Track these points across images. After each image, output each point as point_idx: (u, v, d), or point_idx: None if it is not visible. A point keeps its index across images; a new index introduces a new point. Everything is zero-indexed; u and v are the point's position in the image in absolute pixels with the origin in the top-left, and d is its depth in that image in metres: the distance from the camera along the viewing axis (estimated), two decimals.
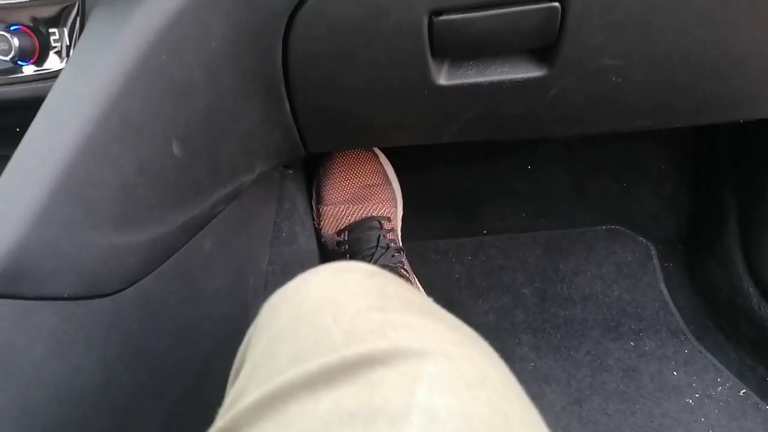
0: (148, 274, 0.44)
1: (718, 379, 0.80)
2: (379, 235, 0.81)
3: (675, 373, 0.82)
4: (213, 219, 0.54)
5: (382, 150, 0.89)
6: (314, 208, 0.88)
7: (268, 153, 0.59)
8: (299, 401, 0.25)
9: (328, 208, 0.85)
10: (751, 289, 0.78)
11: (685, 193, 0.92)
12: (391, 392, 0.24)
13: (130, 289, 0.41)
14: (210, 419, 0.30)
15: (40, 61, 0.45)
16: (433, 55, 0.50)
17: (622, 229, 0.96)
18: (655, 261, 0.92)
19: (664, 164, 0.93)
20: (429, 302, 0.33)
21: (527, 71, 0.51)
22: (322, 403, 0.24)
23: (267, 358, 0.28)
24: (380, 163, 0.88)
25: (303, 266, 0.33)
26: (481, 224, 0.99)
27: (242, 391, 0.28)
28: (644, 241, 0.94)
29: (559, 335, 0.87)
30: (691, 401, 0.79)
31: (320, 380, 0.25)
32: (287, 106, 0.55)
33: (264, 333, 0.30)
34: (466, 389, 0.25)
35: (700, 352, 0.83)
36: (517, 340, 0.88)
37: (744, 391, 0.79)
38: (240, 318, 0.63)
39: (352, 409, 0.24)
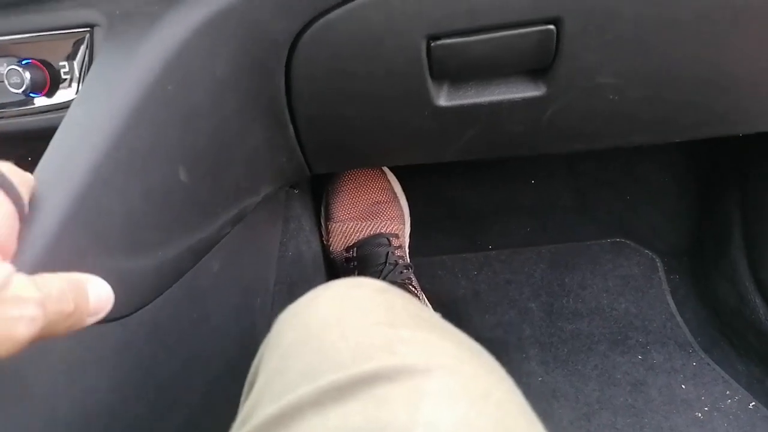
0: (157, 297, 0.45)
1: (727, 392, 0.80)
2: (388, 252, 0.82)
3: (683, 386, 0.81)
4: (220, 241, 0.55)
5: (390, 167, 0.91)
6: (323, 225, 0.89)
7: (273, 175, 0.60)
8: (308, 419, 0.26)
9: (337, 225, 0.86)
10: (758, 301, 0.78)
11: (689, 205, 0.92)
12: (397, 408, 0.25)
13: (139, 312, 0.42)
14: None
15: (51, 93, 0.46)
16: (433, 77, 0.51)
17: (628, 242, 0.96)
18: (661, 273, 0.93)
19: (668, 177, 0.93)
20: (436, 318, 0.34)
21: (525, 91, 0.52)
22: (331, 419, 0.25)
23: (278, 374, 0.29)
24: (388, 181, 0.89)
25: (310, 285, 0.34)
26: (486, 240, 0.99)
27: (255, 406, 0.29)
28: (650, 253, 0.95)
29: (566, 349, 0.87)
30: (700, 414, 0.78)
31: (328, 397, 0.26)
32: (291, 130, 0.56)
33: (276, 348, 0.31)
34: (471, 405, 0.25)
35: (708, 364, 0.83)
36: (524, 355, 0.88)
37: (753, 403, 0.78)
38: (248, 338, 0.64)
39: (359, 425, 0.24)
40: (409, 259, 0.88)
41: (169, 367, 0.46)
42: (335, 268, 0.88)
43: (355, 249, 0.83)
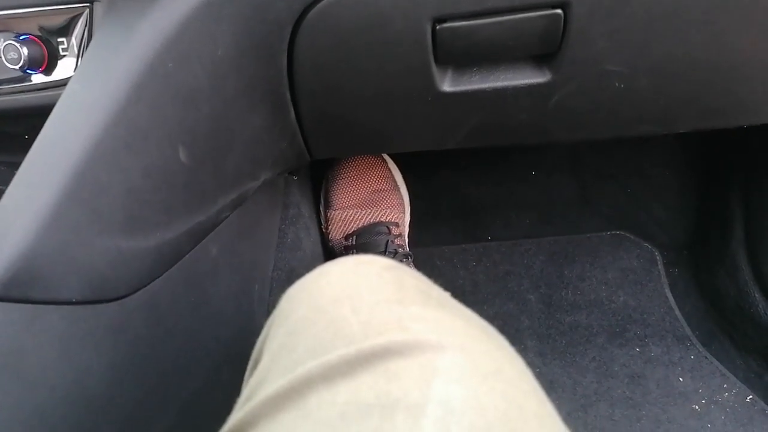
0: (155, 279, 0.44)
1: (725, 385, 0.80)
2: (387, 241, 0.81)
3: (681, 379, 0.81)
4: (219, 225, 0.54)
5: (391, 156, 0.90)
6: (322, 213, 0.88)
7: (274, 160, 0.59)
8: (318, 392, 0.25)
9: (337, 213, 0.85)
10: (757, 295, 0.78)
11: (690, 199, 0.92)
12: (409, 383, 0.24)
13: (137, 293, 0.42)
14: (217, 422, 0.30)
15: (48, 69, 0.46)
16: (437, 62, 0.50)
17: (628, 234, 0.96)
18: (661, 267, 0.92)
19: (669, 170, 0.93)
20: (446, 296, 0.33)
21: (530, 77, 0.52)
22: (341, 394, 0.25)
23: (286, 350, 0.29)
24: (389, 169, 0.89)
25: (308, 272, 0.34)
26: (486, 231, 0.99)
27: (261, 383, 0.28)
28: (649, 246, 0.94)
29: (564, 341, 0.87)
30: (697, 407, 0.78)
31: (338, 372, 0.25)
32: (292, 113, 0.55)
33: (283, 324, 0.31)
34: (482, 381, 0.25)
35: (706, 358, 0.83)
36: (522, 346, 0.87)
37: (751, 397, 0.78)
38: (246, 323, 0.63)
39: (370, 400, 0.24)
40: (408, 249, 0.87)
41: (167, 350, 0.46)
42: (334, 256, 0.88)
43: (354, 237, 0.82)
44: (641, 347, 0.85)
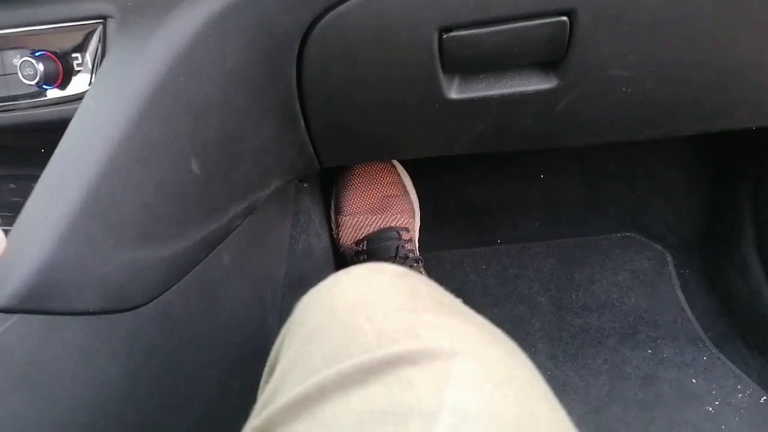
0: (170, 288, 0.45)
1: (738, 386, 0.80)
2: (398, 246, 0.82)
3: (694, 380, 0.81)
4: (231, 233, 0.55)
5: (400, 161, 0.90)
6: (333, 219, 0.89)
7: (284, 169, 0.60)
8: (332, 401, 0.26)
9: (347, 219, 0.86)
10: None
11: (699, 199, 0.92)
12: (422, 391, 0.25)
13: (152, 303, 0.42)
14: (233, 428, 0.31)
15: (63, 84, 0.47)
16: (444, 70, 0.51)
17: (637, 236, 0.95)
18: (671, 268, 0.92)
19: (678, 170, 0.93)
20: (458, 303, 0.34)
21: (537, 84, 0.52)
22: (355, 402, 0.25)
23: (301, 357, 0.29)
24: (398, 175, 0.89)
25: (320, 278, 0.34)
26: (495, 234, 0.99)
27: (277, 390, 0.29)
28: (660, 248, 0.94)
29: (575, 344, 0.87)
30: (711, 409, 0.78)
31: (353, 380, 0.26)
32: (302, 123, 0.56)
33: (298, 332, 0.31)
34: (495, 388, 0.25)
35: (719, 359, 0.83)
36: (533, 349, 0.87)
37: (765, 398, 0.78)
38: (258, 329, 0.64)
39: (384, 408, 0.24)
40: (418, 253, 0.88)
41: (181, 357, 0.47)
42: (345, 261, 0.88)
43: (365, 242, 0.83)
44: (653, 349, 0.85)
